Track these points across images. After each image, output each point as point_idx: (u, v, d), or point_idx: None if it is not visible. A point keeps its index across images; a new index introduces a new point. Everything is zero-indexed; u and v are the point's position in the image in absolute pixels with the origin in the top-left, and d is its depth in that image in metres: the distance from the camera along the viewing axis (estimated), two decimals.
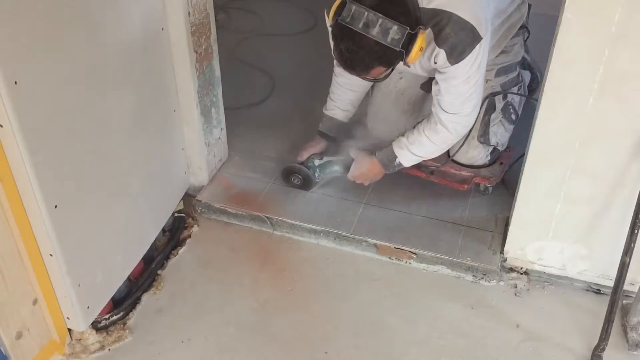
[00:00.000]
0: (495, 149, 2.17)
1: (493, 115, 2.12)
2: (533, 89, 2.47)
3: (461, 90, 1.84)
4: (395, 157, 2.05)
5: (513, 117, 2.17)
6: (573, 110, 1.64)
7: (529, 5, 2.20)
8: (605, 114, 1.62)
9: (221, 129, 2.30)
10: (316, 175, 2.21)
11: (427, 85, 2.24)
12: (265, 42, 3.21)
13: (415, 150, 2.01)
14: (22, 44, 1.30)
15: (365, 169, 2.13)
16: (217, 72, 2.17)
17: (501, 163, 2.21)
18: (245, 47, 3.13)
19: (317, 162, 2.21)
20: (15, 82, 1.29)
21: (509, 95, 2.14)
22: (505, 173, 2.20)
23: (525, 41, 2.28)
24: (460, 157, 2.16)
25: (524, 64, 2.33)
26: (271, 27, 3.34)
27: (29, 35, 1.31)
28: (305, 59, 3.05)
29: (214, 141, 2.26)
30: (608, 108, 1.61)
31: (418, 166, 2.18)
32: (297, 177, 2.22)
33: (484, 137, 2.11)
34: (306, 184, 2.22)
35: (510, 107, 2.15)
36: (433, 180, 2.19)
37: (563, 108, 1.65)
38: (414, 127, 2.03)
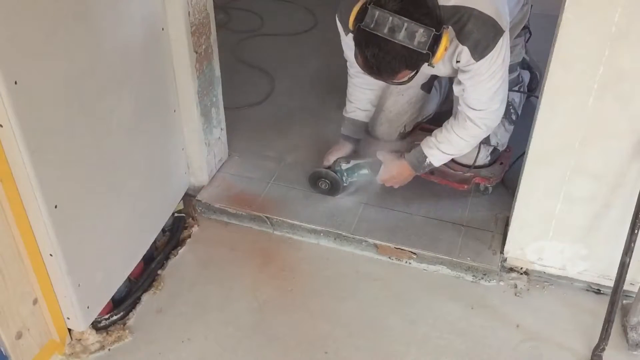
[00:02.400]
0: (495, 149, 2.17)
1: None
2: (533, 89, 2.47)
3: (487, 86, 1.83)
4: (425, 157, 2.02)
5: (513, 117, 2.17)
6: (573, 110, 1.64)
7: (530, 6, 2.20)
8: (605, 114, 1.62)
9: (221, 129, 2.30)
10: (344, 179, 2.17)
11: (427, 85, 2.24)
12: (265, 42, 3.21)
13: (445, 148, 1.99)
14: (22, 44, 1.30)
15: (395, 172, 2.11)
16: (217, 72, 2.17)
17: (501, 163, 2.21)
18: (245, 47, 3.13)
19: (344, 166, 2.16)
20: (15, 82, 1.29)
21: (509, 95, 2.14)
22: (505, 173, 2.20)
23: (526, 42, 2.28)
24: (461, 158, 2.16)
25: (522, 64, 2.33)
26: (271, 27, 3.34)
27: (29, 35, 1.31)
28: (305, 59, 3.05)
29: (214, 141, 2.26)
30: (608, 108, 1.61)
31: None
32: (325, 182, 2.18)
33: (484, 138, 2.11)
34: (334, 189, 2.19)
35: (511, 107, 2.15)
36: (433, 180, 2.19)
37: (563, 108, 1.66)
38: (442, 126, 2.01)
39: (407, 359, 1.76)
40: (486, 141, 2.12)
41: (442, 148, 1.99)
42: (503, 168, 2.20)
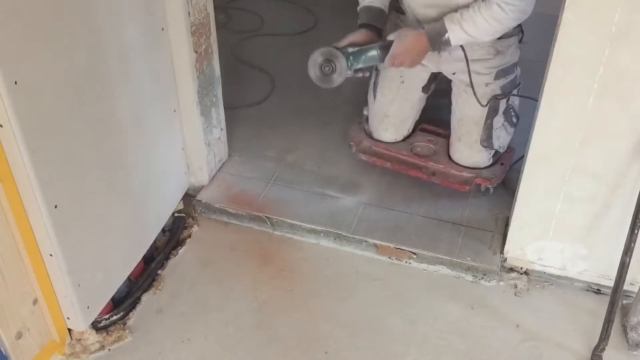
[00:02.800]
0: (496, 151, 2.17)
1: (496, 119, 2.11)
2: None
3: None
4: (446, 31, 1.90)
5: (514, 119, 2.17)
6: (573, 110, 1.65)
7: None
8: (605, 114, 1.62)
9: (221, 129, 2.30)
10: (349, 64, 1.95)
11: (427, 87, 2.24)
12: (265, 42, 3.21)
13: (467, 27, 1.90)
14: (22, 44, 1.30)
15: (409, 43, 1.94)
16: (217, 72, 2.17)
17: (502, 164, 2.22)
18: (245, 47, 3.13)
19: (351, 50, 1.96)
20: (15, 82, 1.29)
21: (510, 98, 2.14)
22: (506, 173, 2.21)
23: (520, 41, 2.28)
24: (463, 161, 2.16)
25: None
26: (271, 27, 3.34)
27: (29, 35, 1.31)
28: (305, 58, 3.03)
29: (214, 141, 2.25)
30: (608, 108, 1.61)
31: (419, 167, 2.18)
32: (329, 65, 1.95)
33: (487, 142, 2.12)
34: (336, 74, 1.96)
35: (512, 109, 2.15)
36: (434, 181, 2.19)
37: (563, 108, 1.66)
38: (469, 5, 1.91)
39: (407, 359, 1.76)
40: (488, 145, 2.13)
41: (464, 26, 1.90)
42: (504, 169, 2.21)
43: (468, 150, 2.14)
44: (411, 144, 2.29)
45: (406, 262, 2.04)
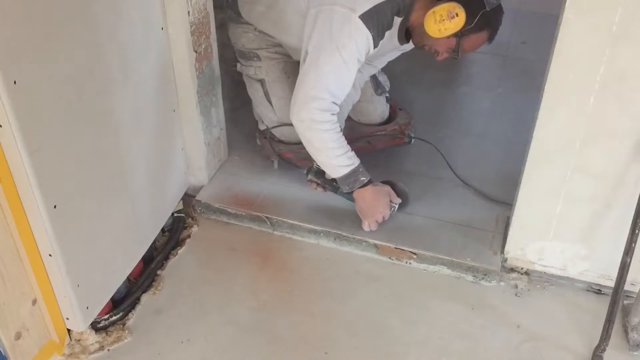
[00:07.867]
0: (385, 96, 2.37)
1: None
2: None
3: None
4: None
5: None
6: (573, 110, 1.64)
7: None
8: (605, 114, 1.62)
9: (221, 129, 2.29)
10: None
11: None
12: None
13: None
14: (22, 44, 1.29)
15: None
16: (217, 71, 2.17)
17: (400, 109, 2.40)
18: None
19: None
20: (15, 82, 1.29)
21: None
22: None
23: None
24: (374, 118, 2.33)
25: None
26: None
27: (29, 35, 1.31)
28: None
29: (214, 141, 2.25)
30: (609, 108, 1.61)
31: (354, 143, 2.21)
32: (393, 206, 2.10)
33: (379, 89, 2.32)
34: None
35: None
36: (378, 148, 2.32)
37: (563, 108, 1.65)
38: None
39: (407, 359, 1.76)
40: (381, 90, 2.33)
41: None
42: (406, 112, 2.38)
43: (372, 105, 2.30)
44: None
45: (406, 262, 2.04)
